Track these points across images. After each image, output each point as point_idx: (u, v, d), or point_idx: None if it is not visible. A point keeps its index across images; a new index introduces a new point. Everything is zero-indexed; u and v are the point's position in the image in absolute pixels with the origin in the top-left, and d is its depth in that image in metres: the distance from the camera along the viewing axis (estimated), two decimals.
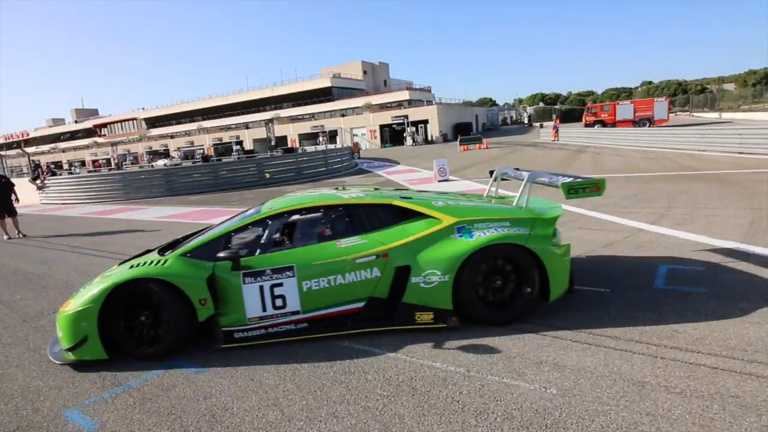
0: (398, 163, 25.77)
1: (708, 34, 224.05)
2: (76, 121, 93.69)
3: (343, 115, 56.41)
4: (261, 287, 3.61)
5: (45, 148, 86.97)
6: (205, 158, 51.94)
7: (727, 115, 41.24)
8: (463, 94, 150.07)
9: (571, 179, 4.04)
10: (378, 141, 50.35)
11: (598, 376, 2.91)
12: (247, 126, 64.41)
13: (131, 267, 3.67)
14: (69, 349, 3.52)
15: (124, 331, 3.58)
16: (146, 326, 3.60)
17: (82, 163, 72.07)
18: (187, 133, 70.93)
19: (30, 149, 63.72)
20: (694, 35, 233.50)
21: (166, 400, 3.05)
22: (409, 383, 3.03)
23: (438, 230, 3.74)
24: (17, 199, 10.92)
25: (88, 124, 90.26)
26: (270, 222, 4.04)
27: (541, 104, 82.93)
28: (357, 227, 3.92)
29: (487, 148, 30.97)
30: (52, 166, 46.70)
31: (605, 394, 2.71)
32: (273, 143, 43.78)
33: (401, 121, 49.08)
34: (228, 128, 67.83)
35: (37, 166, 22.24)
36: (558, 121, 37.79)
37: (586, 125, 35.71)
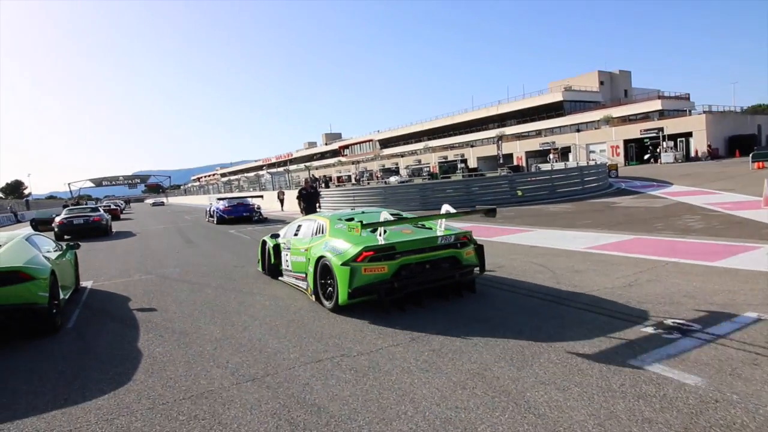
0: (670, 184, 21.30)
1: None
2: (326, 144, 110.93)
3: (578, 130, 51.69)
4: None
5: (302, 166, 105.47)
6: (432, 176, 54.23)
7: None
8: (724, 100, 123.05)
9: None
10: (621, 158, 44.19)
11: None
12: (471, 144, 65.15)
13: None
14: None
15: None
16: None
17: (330, 179, 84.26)
18: (415, 153, 75.97)
19: (292, 167, 77.60)
20: None
21: None
22: None
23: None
24: (320, 206, 12.49)
25: (334, 145, 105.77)
26: None
27: None
28: None
29: None
30: (327, 179, 55.11)
31: None
32: (501, 161, 42.71)
33: (654, 134, 42.01)
34: (452, 147, 69.98)
35: (315, 179, 25.86)
36: None
37: None
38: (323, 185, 26.03)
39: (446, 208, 5.63)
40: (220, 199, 21.79)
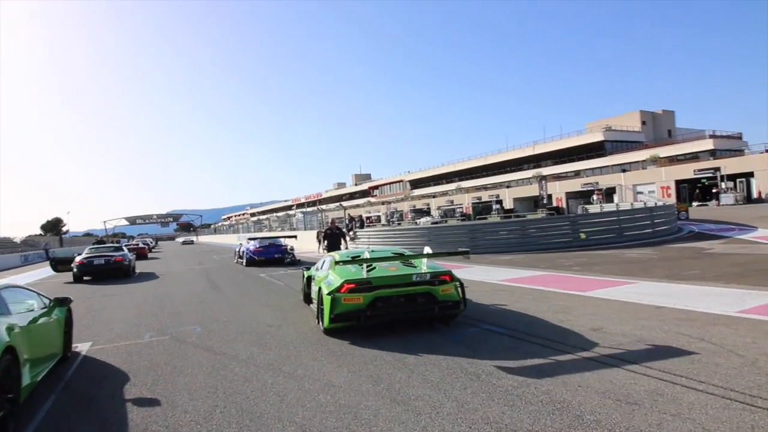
0: (753, 228, 18.67)
1: None
2: (355, 184, 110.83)
3: (623, 171, 49.12)
4: None
5: (332, 206, 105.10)
6: (466, 216, 52.12)
7: None
8: None
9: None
10: (673, 199, 41.21)
11: None
12: (507, 185, 63.11)
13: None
14: None
15: None
16: None
17: (368, 218, 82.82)
18: (446, 193, 74.24)
19: (324, 206, 76.96)
20: None
21: None
22: None
23: None
24: (347, 246, 12.58)
25: (364, 186, 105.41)
26: None
27: None
28: None
29: None
30: (365, 219, 53.78)
31: None
32: (545, 201, 40.44)
33: (710, 174, 39.14)
34: (485, 188, 68.04)
35: (352, 219, 24.29)
36: None
37: None
38: (358, 224, 24.41)
39: (426, 249, 6.45)
40: (251, 239, 20.30)
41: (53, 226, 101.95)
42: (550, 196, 52.49)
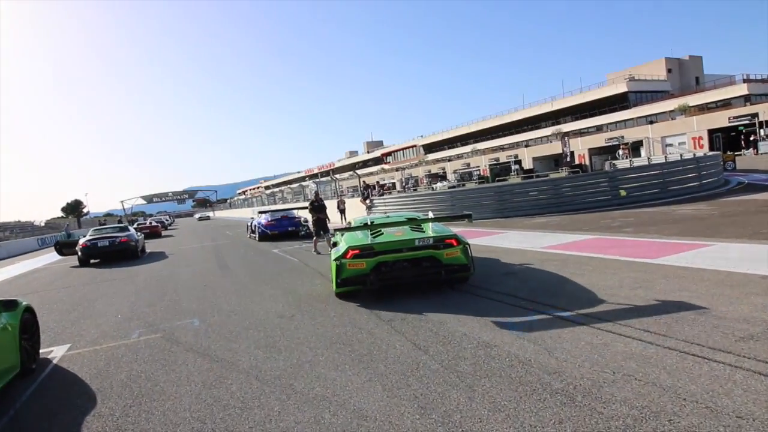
0: None
1: None
2: (368, 151, 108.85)
3: (651, 122, 46.41)
4: None
5: (346, 174, 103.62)
6: (483, 179, 50.37)
7: None
8: None
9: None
10: (706, 150, 38.79)
11: None
12: (526, 144, 60.71)
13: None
14: None
15: None
16: None
17: (372, 186, 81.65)
18: (461, 156, 72.00)
19: (338, 175, 75.57)
20: None
21: None
22: None
23: None
24: (328, 219, 12.24)
25: (377, 153, 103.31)
26: None
27: None
28: None
29: None
30: (385, 185, 52.46)
31: None
32: (568, 158, 38.37)
33: (747, 121, 36.52)
34: (502, 148, 65.64)
35: (368, 186, 22.99)
36: None
37: None
38: (375, 192, 23.12)
39: (429, 214, 6.70)
40: (261, 212, 19.18)
41: (73, 209, 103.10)
42: (572, 154, 50.24)
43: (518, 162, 55.16)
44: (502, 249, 9.12)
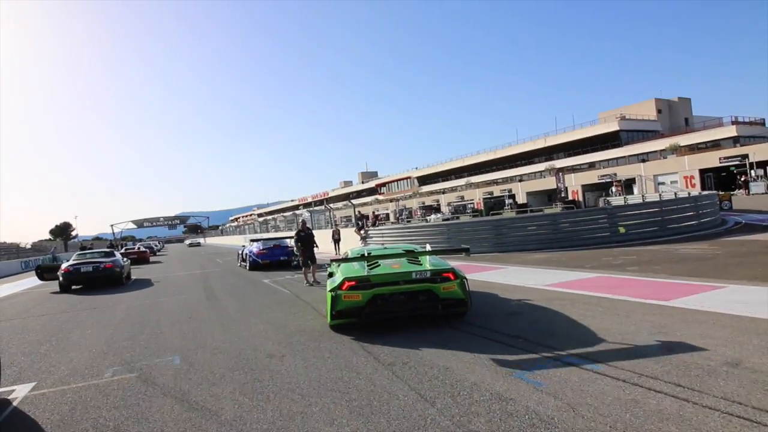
0: None
1: None
2: (362, 182, 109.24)
3: (643, 161, 47.04)
4: None
5: (340, 204, 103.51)
6: (476, 212, 50.37)
7: None
8: None
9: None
10: (698, 189, 39.19)
11: None
12: (520, 179, 61.16)
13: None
14: None
15: None
16: None
17: (367, 217, 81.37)
18: (455, 189, 72.32)
19: (333, 205, 75.30)
20: None
21: None
22: None
23: None
24: (317, 246, 12.10)
25: (372, 183, 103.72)
26: None
27: None
28: None
29: None
30: (379, 216, 52.05)
31: None
32: (563, 194, 38.54)
33: (737, 162, 37.09)
34: (496, 182, 66.09)
35: (362, 216, 22.65)
36: None
37: None
38: (370, 223, 22.78)
39: (427, 247, 6.80)
40: (253, 240, 18.72)
41: (62, 231, 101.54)
42: (566, 189, 50.60)
43: (512, 196, 55.46)
44: (503, 285, 8.75)
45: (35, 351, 6.54)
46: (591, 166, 55.13)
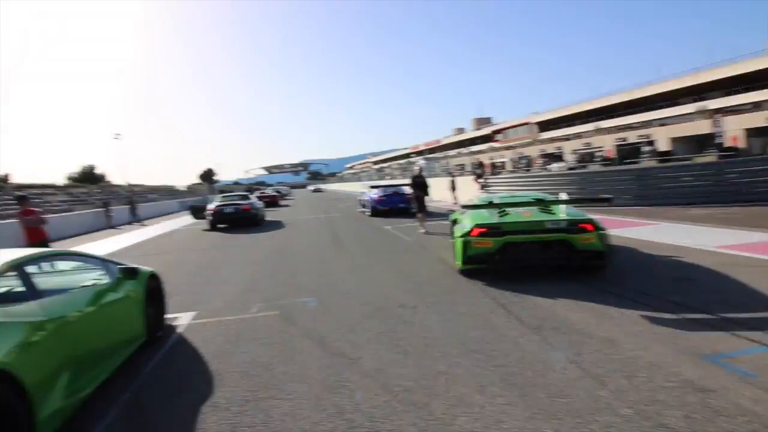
0: None
1: None
2: (478, 128, 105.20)
3: None
4: None
5: (452, 152, 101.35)
6: (606, 161, 45.50)
7: None
8: None
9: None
10: None
11: None
12: (662, 123, 53.54)
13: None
14: None
15: None
16: None
17: (501, 165, 77.99)
18: (581, 135, 65.91)
19: (450, 152, 74.00)
20: None
21: None
22: None
23: None
24: (427, 194, 11.85)
25: (486, 130, 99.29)
26: None
27: None
28: None
29: None
30: (499, 164, 50.58)
31: None
32: (719, 140, 32.81)
33: None
34: (630, 127, 58.61)
35: (480, 164, 21.74)
36: None
37: None
38: (490, 172, 21.75)
39: (562, 195, 6.57)
40: (373, 186, 18.99)
41: (206, 176, 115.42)
42: (722, 134, 43.01)
43: (651, 143, 48.84)
44: (658, 244, 7.55)
45: (192, 282, 7.31)
46: (756, 106, 45.80)
